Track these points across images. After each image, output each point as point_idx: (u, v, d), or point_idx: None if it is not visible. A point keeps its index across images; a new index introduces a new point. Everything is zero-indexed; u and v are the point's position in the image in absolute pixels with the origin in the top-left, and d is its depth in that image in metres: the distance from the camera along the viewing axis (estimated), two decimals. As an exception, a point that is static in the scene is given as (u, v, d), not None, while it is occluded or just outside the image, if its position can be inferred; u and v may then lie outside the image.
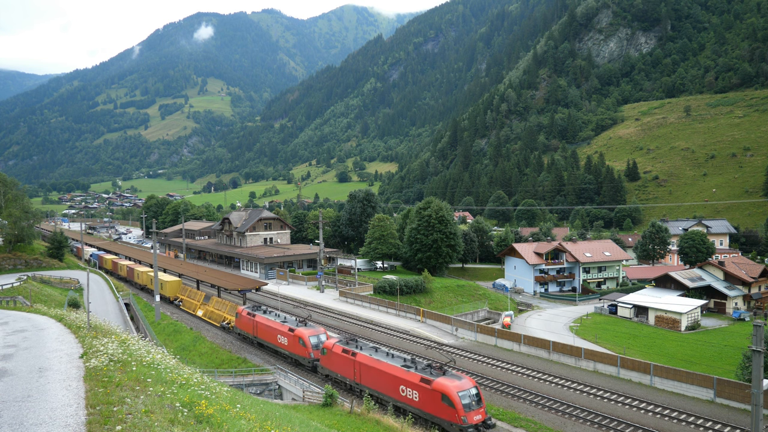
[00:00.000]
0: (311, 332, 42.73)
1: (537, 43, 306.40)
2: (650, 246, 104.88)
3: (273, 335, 45.94)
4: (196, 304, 67.45)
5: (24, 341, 21.03)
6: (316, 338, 42.10)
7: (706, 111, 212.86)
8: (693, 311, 64.41)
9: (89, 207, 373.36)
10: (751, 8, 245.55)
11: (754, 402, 24.47)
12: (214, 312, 62.26)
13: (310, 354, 41.49)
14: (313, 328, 43.67)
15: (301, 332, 42.61)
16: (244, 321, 50.83)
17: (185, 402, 12.01)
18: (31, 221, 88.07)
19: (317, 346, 41.37)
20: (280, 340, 44.77)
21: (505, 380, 41.49)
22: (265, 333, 47.35)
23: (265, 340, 47.47)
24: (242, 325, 51.21)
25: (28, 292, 55.80)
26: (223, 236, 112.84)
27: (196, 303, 67.83)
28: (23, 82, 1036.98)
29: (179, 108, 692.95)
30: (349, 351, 36.79)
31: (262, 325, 47.73)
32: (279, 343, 45.10)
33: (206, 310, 64.25)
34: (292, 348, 43.30)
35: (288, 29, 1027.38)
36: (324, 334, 42.91)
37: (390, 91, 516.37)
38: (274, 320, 46.72)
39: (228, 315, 59.21)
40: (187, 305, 69.32)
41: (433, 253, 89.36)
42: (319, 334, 42.57)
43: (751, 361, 30.36)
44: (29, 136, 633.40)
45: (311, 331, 42.98)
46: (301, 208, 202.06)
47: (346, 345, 37.85)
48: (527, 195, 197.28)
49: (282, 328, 44.71)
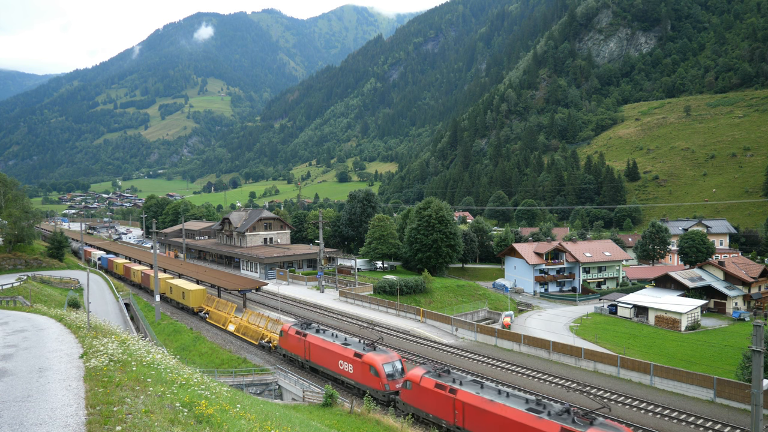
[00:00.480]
0: (384, 358, 35.89)
1: (537, 43, 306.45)
2: (650, 246, 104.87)
3: (332, 360, 39.32)
4: (226, 317, 59.00)
5: (24, 341, 21.03)
6: (390, 366, 35.48)
7: (706, 111, 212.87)
8: (693, 311, 64.41)
9: (89, 207, 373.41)
10: (751, 8, 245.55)
11: (754, 402, 24.46)
12: (250, 327, 54.15)
13: (384, 386, 34.82)
14: (385, 353, 36.93)
15: (372, 359, 35.76)
16: (291, 341, 44.15)
17: (185, 402, 12.01)
18: (31, 221, 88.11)
19: (392, 375, 35.13)
20: (343, 366, 38.16)
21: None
22: (321, 357, 40.76)
23: (321, 365, 40.79)
24: (289, 346, 44.52)
25: (28, 292, 55.80)
26: (223, 236, 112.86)
27: (226, 315, 59.36)
28: (23, 82, 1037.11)
29: (179, 108, 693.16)
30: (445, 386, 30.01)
31: (316, 347, 41.03)
32: (341, 370, 38.40)
33: (239, 325, 55.85)
34: (360, 377, 36.57)
35: (288, 29, 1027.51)
36: (399, 361, 36.38)
37: (390, 91, 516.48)
38: (333, 342, 40.11)
39: (269, 332, 51.37)
40: (214, 318, 60.95)
41: (433, 253, 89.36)
42: (393, 361, 35.93)
43: (751, 361, 30.36)
44: (29, 136, 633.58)
45: (384, 357, 36.08)
46: (301, 208, 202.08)
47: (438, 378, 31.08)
48: (527, 195, 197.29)
49: (345, 352, 37.97)
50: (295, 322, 46.53)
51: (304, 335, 42.63)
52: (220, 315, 60.30)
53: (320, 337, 41.38)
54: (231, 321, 57.76)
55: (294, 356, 44.11)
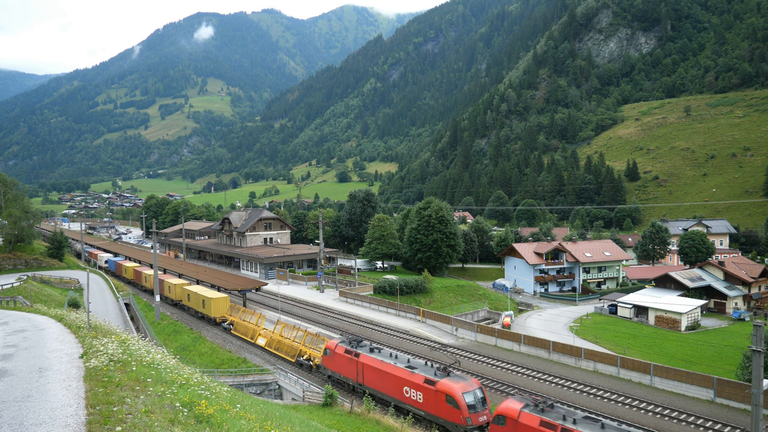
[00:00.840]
0: (463, 386, 30.16)
1: (537, 43, 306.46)
2: (650, 246, 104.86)
3: (394, 386, 33.67)
4: (255, 329, 52.66)
5: (24, 341, 21.03)
6: (471, 395, 30.01)
7: (706, 111, 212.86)
8: (693, 311, 64.40)
9: (89, 207, 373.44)
10: (751, 8, 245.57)
11: (754, 402, 24.47)
12: (284, 342, 48.24)
13: (465, 419, 29.30)
14: (463, 379, 31.22)
15: (448, 387, 30.18)
16: (340, 361, 38.53)
17: (185, 402, 12.01)
18: (31, 221, 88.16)
19: (474, 406, 29.66)
20: (410, 394, 32.56)
21: (505, 380, 41.50)
22: (379, 381, 34.95)
23: (379, 390, 35.04)
24: (336, 366, 39.04)
25: (28, 292, 55.80)
26: (223, 236, 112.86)
27: (255, 327, 53.05)
28: (23, 82, 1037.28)
29: (179, 108, 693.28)
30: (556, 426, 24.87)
31: (373, 369, 35.48)
32: (408, 398, 32.79)
33: (271, 339, 49.70)
34: (433, 408, 31.09)
35: (288, 29, 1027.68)
36: (479, 389, 30.73)
37: (390, 91, 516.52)
38: (394, 364, 34.40)
39: (307, 347, 45.54)
40: (240, 329, 54.78)
41: (433, 253, 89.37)
42: (474, 389, 30.34)
43: (751, 361, 30.36)
44: (29, 136, 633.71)
45: (463, 384, 30.35)
46: (301, 208, 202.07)
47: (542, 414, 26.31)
48: (527, 195, 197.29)
49: (412, 377, 32.47)
50: (342, 339, 41.06)
51: (356, 355, 37.16)
52: (246, 326, 53.98)
53: (377, 357, 35.94)
54: (260, 334, 51.51)
55: (342, 378, 38.65)
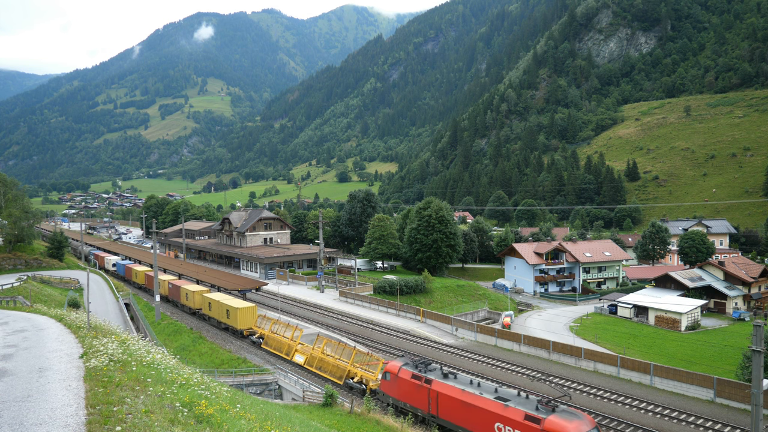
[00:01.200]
0: (577, 426, 23.64)
1: (537, 43, 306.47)
2: (650, 246, 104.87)
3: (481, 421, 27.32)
4: (291, 344, 46.42)
5: (24, 341, 21.03)
6: None
7: (706, 111, 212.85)
8: (693, 311, 64.40)
9: (89, 207, 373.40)
10: (751, 8, 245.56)
11: (754, 402, 24.46)
12: (327, 361, 41.82)
13: None
14: (575, 416, 24.40)
15: (559, 426, 23.62)
16: (404, 387, 32.62)
17: (185, 402, 12.00)
18: (31, 221, 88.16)
19: None
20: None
21: (505, 380, 41.50)
22: (459, 414, 29.00)
23: (460, 425, 28.92)
24: (400, 393, 33.05)
25: (28, 292, 55.79)
26: (223, 236, 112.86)
27: (290, 342, 46.73)
28: (23, 82, 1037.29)
29: (179, 108, 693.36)
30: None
31: (450, 399, 29.53)
32: None
33: (310, 356, 43.71)
34: None
35: (288, 29, 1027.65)
36: (596, 429, 24.26)
37: (390, 91, 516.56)
38: (478, 394, 28.25)
39: (357, 367, 39.50)
40: (273, 344, 48.48)
41: (433, 253, 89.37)
42: (590, 430, 23.97)
43: (751, 361, 30.36)
44: (29, 136, 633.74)
45: (576, 424, 23.76)
46: (301, 208, 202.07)
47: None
48: (527, 195, 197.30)
49: (506, 412, 25.94)
50: (406, 361, 34.30)
51: (426, 381, 31.25)
52: (280, 341, 47.51)
53: (454, 385, 29.87)
54: (298, 350, 45.03)
55: (409, 407, 32.45)
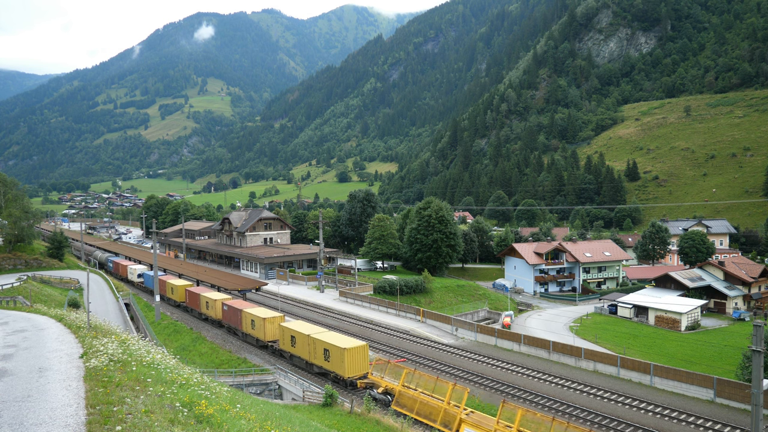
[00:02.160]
0: None
1: (537, 43, 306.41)
2: (650, 246, 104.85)
3: None
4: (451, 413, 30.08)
5: (24, 341, 21.02)
6: None
7: (706, 111, 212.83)
8: (693, 311, 64.40)
9: (89, 207, 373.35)
10: (751, 8, 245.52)
11: (754, 402, 24.46)
12: None
13: None
14: None
15: None
16: None
17: (185, 402, 12.00)
18: (31, 221, 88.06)
19: None
20: None
21: (505, 380, 41.50)
22: None
23: None
24: None
25: (28, 292, 55.77)
26: (223, 236, 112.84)
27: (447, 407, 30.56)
28: (23, 82, 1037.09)
29: (179, 108, 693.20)
30: None
31: None
32: None
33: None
34: None
35: (288, 29, 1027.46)
36: None
37: (390, 91, 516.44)
38: None
39: None
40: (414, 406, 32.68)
41: (433, 253, 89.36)
42: None
43: (751, 361, 30.35)
44: (29, 136, 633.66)
45: None
46: (301, 208, 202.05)
47: None
48: (527, 195, 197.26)
49: None
50: None
51: None
52: (430, 406, 31.66)
53: None
54: (467, 421, 29.05)
55: None
